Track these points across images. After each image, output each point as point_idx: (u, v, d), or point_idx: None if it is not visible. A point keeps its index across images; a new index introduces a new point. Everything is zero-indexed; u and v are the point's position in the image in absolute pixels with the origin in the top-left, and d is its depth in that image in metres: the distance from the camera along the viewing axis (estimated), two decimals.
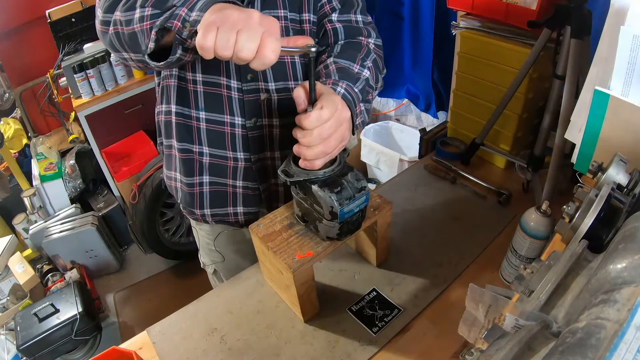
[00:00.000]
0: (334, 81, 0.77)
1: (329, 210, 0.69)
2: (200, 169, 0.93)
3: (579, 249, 0.45)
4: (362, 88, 0.82)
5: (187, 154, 0.92)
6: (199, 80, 0.85)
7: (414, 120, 2.27)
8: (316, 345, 0.79)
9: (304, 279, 0.75)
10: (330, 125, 0.66)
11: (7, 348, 1.71)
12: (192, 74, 0.84)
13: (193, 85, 0.85)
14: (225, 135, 0.89)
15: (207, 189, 0.94)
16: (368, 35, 0.90)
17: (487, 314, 0.47)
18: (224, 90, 0.85)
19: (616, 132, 0.68)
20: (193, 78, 0.85)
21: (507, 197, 1.08)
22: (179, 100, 0.88)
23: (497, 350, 0.38)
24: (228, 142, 0.89)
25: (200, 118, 0.88)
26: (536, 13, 0.96)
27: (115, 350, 0.74)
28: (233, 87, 0.85)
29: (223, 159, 0.91)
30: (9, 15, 2.30)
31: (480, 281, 0.89)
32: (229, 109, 0.86)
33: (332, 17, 0.87)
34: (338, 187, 0.69)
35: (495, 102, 1.08)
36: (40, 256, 2.21)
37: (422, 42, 1.85)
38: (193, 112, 0.88)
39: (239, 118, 0.87)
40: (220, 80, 0.84)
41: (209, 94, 0.86)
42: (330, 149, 0.67)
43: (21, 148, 2.61)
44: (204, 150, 0.91)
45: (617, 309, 0.32)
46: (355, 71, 0.83)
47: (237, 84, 0.84)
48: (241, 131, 0.88)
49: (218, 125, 0.88)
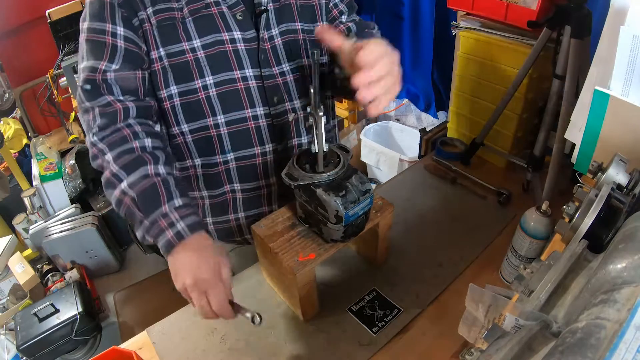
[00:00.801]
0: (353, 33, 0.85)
1: (334, 214, 0.69)
2: (234, 206, 0.91)
3: (579, 249, 0.45)
4: None
5: (218, 198, 0.90)
6: (221, 123, 0.82)
7: (414, 120, 2.27)
8: (316, 345, 0.79)
9: (305, 281, 0.75)
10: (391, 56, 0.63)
11: (7, 348, 1.71)
12: (213, 118, 0.81)
13: (215, 130, 0.82)
14: (257, 167, 0.87)
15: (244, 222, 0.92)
16: (374, 27, 0.96)
17: (487, 314, 0.47)
18: (250, 123, 0.83)
19: (616, 132, 0.68)
20: (214, 123, 0.82)
21: (507, 197, 1.08)
22: (200, 152, 0.85)
23: (497, 350, 0.38)
24: (260, 173, 0.87)
25: (229, 159, 0.85)
26: (536, 13, 0.96)
27: (115, 350, 0.74)
28: (260, 114, 0.83)
29: (256, 190, 0.89)
30: (9, 15, 2.30)
31: (480, 281, 0.89)
32: (259, 140, 0.84)
33: (342, 18, 0.90)
34: (343, 191, 0.69)
35: (495, 102, 1.08)
36: (40, 256, 2.21)
37: (422, 42, 1.84)
38: (219, 157, 0.85)
39: (269, 145, 0.86)
40: (245, 114, 0.82)
41: (235, 133, 0.83)
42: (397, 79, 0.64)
43: (21, 148, 2.61)
44: (235, 187, 0.88)
45: (617, 309, 0.32)
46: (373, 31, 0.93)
47: (264, 110, 0.83)
48: (273, 157, 0.87)
49: (249, 160, 0.86)
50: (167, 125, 0.84)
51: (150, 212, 0.72)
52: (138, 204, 0.72)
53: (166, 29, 0.75)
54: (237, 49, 0.78)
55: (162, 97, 0.80)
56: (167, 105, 0.81)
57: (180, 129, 0.83)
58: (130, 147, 0.73)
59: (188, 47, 0.76)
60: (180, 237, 0.70)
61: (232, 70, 0.79)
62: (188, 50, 0.76)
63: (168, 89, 0.79)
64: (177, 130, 0.83)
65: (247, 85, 0.80)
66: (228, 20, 0.77)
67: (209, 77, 0.78)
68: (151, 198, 0.72)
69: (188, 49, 0.76)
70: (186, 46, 0.76)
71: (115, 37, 0.75)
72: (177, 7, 0.75)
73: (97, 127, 0.74)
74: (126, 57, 0.75)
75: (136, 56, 0.76)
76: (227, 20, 0.77)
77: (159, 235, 0.71)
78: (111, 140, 0.73)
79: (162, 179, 0.73)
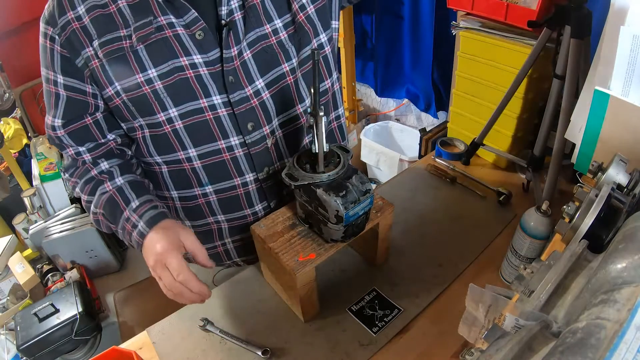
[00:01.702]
0: None
1: (334, 214, 0.69)
2: (220, 234, 0.89)
3: (579, 249, 0.45)
4: None
5: (202, 228, 0.88)
6: (194, 156, 0.77)
7: (414, 120, 2.27)
8: (316, 345, 0.79)
9: (306, 281, 0.75)
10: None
11: (7, 348, 1.70)
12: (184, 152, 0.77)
13: (188, 163, 0.78)
14: (239, 197, 0.83)
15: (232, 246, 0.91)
16: None
17: (487, 314, 0.47)
18: (225, 155, 0.78)
19: (616, 132, 0.68)
20: (186, 156, 0.77)
21: (507, 197, 1.08)
22: (177, 185, 0.82)
23: (497, 350, 0.38)
24: (244, 203, 0.84)
25: (208, 192, 0.82)
26: (536, 13, 0.96)
27: (115, 350, 0.74)
28: (235, 144, 0.77)
29: (242, 219, 0.87)
30: (9, 15, 2.30)
31: (480, 281, 0.89)
32: (237, 171, 0.80)
33: None
34: (343, 191, 0.69)
35: (495, 102, 1.08)
36: (40, 256, 2.21)
37: (422, 42, 1.85)
38: (197, 190, 0.81)
39: (250, 174, 0.81)
40: (219, 145, 0.76)
41: (210, 166, 0.79)
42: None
43: (21, 148, 2.61)
44: (219, 218, 0.86)
45: (617, 309, 0.32)
46: None
47: (238, 140, 0.77)
48: (256, 186, 0.83)
49: (230, 192, 0.82)
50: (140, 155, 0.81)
51: (117, 221, 0.75)
52: (107, 217, 0.77)
53: (116, 61, 0.69)
54: (199, 74, 0.70)
55: (132, 127, 0.77)
56: (138, 136, 0.77)
57: (154, 160, 0.80)
58: (89, 176, 0.79)
59: (143, 80, 0.69)
60: (142, 236, 0.72)
61: (198, 99, 0.72)
62: (143, 82, 0.69)
63: (136, 120, 0.75)
64: (152, 160, 0.80)
65: (217, 115, 0.73)
66: (185, 42, 0.69)
67: (172, 110, 0.72)
68: (113, 208, 0.76)
69: (143, 81, 0.69)
70: (141, 78, 0.69)
71: (57, 85, 0.72)
72: (125, 35, 0.68)
73: (64, 168, 0.82)
74: (68, 106, 0.73)
75: (80, 104, 0.73)
76: (184, 42, 0.69)
77: (130, 239, 0.74)
78: (77, 174, 0.80)
79: (117, 188, 0.77)
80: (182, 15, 0.69)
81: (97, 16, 0.68)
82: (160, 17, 0.68)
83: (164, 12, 0.68)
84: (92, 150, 0.78)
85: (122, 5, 0.68)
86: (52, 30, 0.69)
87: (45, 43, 0.71)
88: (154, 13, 0.68)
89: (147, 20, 0.68)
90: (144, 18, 0.68)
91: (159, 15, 0.68)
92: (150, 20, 0.68)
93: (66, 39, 0.69)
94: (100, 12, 0.68)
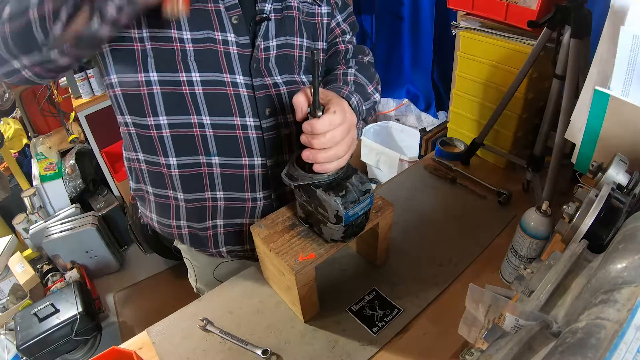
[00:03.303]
0: (350, 90, 0.79)
1: (334, 214, 0.69)
2: (213, 214, 0.86)
3: (579, 249, 0.45)
4: (369, 108, 0.86)
5: (198, 203, 0.85)
6: (207, 124, 0.76)
7: (414, 120, 2.28)
8: (316, 345, 0.79)
9: (305, 281, 0.75)
10: (342, 129, 0.66)
11: (7, 348, 1.71)
12: (197, 117, 0.75)
13: (200, 129, 0.76)
14: (243, 178, 0.82)
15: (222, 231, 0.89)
16: (368, 54, 0.96)
17: (487, 314, 0.47)
18: (239, 132, 0.77)
19: (616, 132, 0.68)
20: (199, 121, 0.75)
21: (507, 197, 1.08)
22: (180, 151, 0.79)
23: (497, 350, 0.38)
24: (247, 185, 0.83)
25: (213, 164, 0.80)
26: (536, 13, 0.96)
27: (115, 350, 0.74)
28: (249, 125, 0.77)
29: (240, 202, 0.84)
30: None
31: (480, 281, 0.89)
32: (247, 151, 0.79)
33: (344, 38, 0.90)
34: (343, 191, 0.69)
35: (495, 102, 1.08)
36: (40, 256, 2.21)
37: (422, 42, 1.85)
38: (203, 158, 0.79)
39: (259, 158, 0.80)
40: (234, 121, 0.76)
41: (221, 137, 0.77)
42: (342, 153, 0.67)
43: (21, 148, 2.61)
44: (217, 194, 0.83)
45: (617, 309, 0.32)
46: (369, 91, 0.87)
47: (254, 122, 0.77)
48: (262, 172, 0.82)
49: (235, 170, 0.81)
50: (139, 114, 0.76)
51: None
52: None
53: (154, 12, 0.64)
54: (229, 51, 0.72)
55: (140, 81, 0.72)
56: (143, 91, 0.72)
57: (157, 121, 0.76)
58: None
59: (176, 36, 0.69)
60: None
61: (222, 72, 0.73)
62: (176, 38, 0.69)
63: (147, 73, 0.71)
64: (153, 122, 0.76)
65: (237, 92, 0.75)
66: (224, 20, 0.71)
67: (195, 74, 0.72)
68: None
69: (176, 37, 0.69)
70: (175, 34, 0.68)
71: None
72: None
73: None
74: None
75: None
76: (223, 19, 0.71)
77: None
78: None
79: None
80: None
81: None
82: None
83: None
84: None
85: None
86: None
87: None
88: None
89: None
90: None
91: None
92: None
93: None
94: None
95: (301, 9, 0.80)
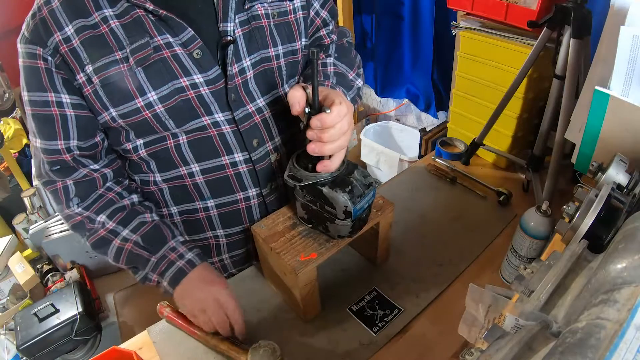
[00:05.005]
0: (332, 84, 0.79)
1: (342, 210, 0.70)
2: (218, 250, 0.89)
3: (579, 249, 0.45)
4: (353, 97, 0.85)
5: (201, 242, 0.88)
6: (196, 172, 0.76)
7: (414, 120, 2.28)
8: (316, 345, 0.79)
9: (307, 280, 0.75)
10: (348, 119, 0.67)
11: (7, 348, 1.71)
12: (186, 167, 0.75)
13: (190, 179, 0.77)
14: (240, 212, 0.83)
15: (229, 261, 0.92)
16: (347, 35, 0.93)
17: (487, 314, 0.47)
18: (229, 171, 0.77)
19: (616, 132, 0.68)
20: (189, 172, 0.76)
21: (507, 197, 1.08)
22: (177, 201, 0.81)
23: (497, 350, 0.38)
24: (245, 217, 0.84)
25: (209, 207, 0.81)
26: (536, 13, 0.96)
27: (115, 350, 0.74)
28: (239, 161, 0.77)
29: (241, 234, 0.87)
30: (9, 15, 2.30)
31: (480, 281, 0.89)
32: (240, 186, 0.79)
33: (327, 29, 0.86)
34: (348, 186, 0.70)
35: (495, 102, 1.08)
36: (40, 256, 2.21)
37: (422, 42, 1.85)
38: (199, 204, 0.81)
39: (253, 189, 0.81)
40: (222, 161, 0.76)
41: (212, 181, 0.78)
42: (345, 143, 0.68)
43: (21, 148, 2.60)
44: (218, 232, 0.86)
45: (617, 309, 0.32)
46: (350, 78, 0.86)
47: (243, 156, 0.77)
48: (257, 201, 0.83)
49: (231, 207, 0.82)
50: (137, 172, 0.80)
51: (158, 249, 0.76)
52: (144, 245, 0.75)
53: (113, 87, 0.65)
54: (200, 94, 0.69)
55: (127, 149, 0.74)
56: (134, 158, 0.76)
57: (153, 178, 0.78)
58: (120, 205, 0.77)
59: (143, 104, 0.66)
60: (192, 265, 0.75)
61: (200, 117, 0.71)
62: (143, 107, 0.66)
63: (133, 141, 0.73)
64: (150, 179, 0.79)
65: (221, 131, 0.73)
66: (184, 62, 0.66)
67: (175, 129, 0.71)
68: (156, 237, 0.76)
69: (143, 105, 0.66)
70: (140, 103, 0.66)
71: (62, 106, 0.67)
72: (121, 58, 0.64)
73: (77, 199, 0.75)
74: (80, 126, 0.69)
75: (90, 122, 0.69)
76: (183, 62, 0.66)
77: (169, 267, 0.75)
78: (98, 206, 0.76)
79: (161, 221, 0.78)
80: (178, 34, 0.66)
81: (88, 38, 0.63)
82: (157, 37, 0.65)
83: (160, 32, 0.65)
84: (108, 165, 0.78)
85: (114, 26, 0.63)
86: (42, 50, 0.64)
87: (35, 64, 0.65)
88: (149, 33, 0.65)
89: (144, 41, 0.64)
90: (139, 39, 0.64)
91: (155, 35, 0.65)
92: (147, 42, 0.64)
93: (61, 61, 0.64)
94: (91, 34, 0.63)
95: (270, 14, 0.74)
